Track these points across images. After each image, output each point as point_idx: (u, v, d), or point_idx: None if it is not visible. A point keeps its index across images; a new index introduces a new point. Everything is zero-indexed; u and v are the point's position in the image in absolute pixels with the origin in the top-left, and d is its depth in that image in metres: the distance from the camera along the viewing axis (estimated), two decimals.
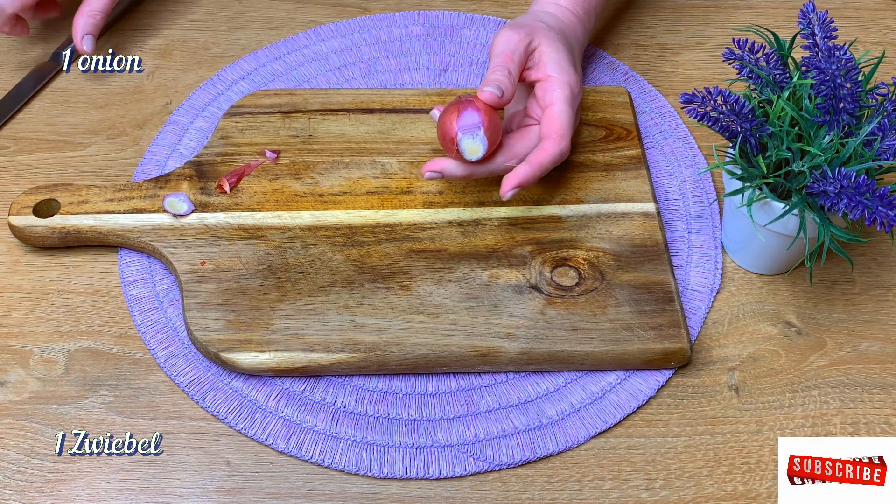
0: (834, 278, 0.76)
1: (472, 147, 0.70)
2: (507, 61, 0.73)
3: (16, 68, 0.88)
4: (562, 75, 0.74)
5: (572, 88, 0.74)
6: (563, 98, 0.73)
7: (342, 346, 0.69)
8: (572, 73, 0.75)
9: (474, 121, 0.69)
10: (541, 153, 0.71)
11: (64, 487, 0.65)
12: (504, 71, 0.73)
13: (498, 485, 0.66)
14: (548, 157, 0.71)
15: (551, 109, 0.73)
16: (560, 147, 0.72)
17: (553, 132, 0.72)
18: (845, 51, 0.67)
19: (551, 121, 0.73)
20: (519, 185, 0.70)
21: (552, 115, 0.73)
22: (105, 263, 0.76)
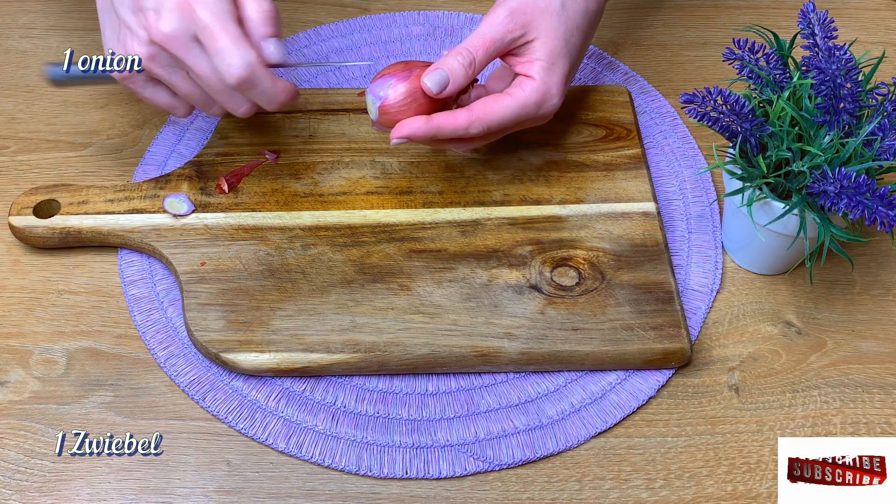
0: (834, 278, 0.76)
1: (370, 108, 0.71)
2: (478, 48, 0.69)
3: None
4: (543, 83, 0.71)
5: (539, 100, 0.70)
6: (521, 102, 0.70)
7: (342, 346, 0.69)
8: (556, 80, 0.71)
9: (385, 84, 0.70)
10: (448, 119, 0.69)
11: (64, 487, 0.65)
12: (466, 58, 0.69)
13: (498, 485, 0.66)
14: (450, 128, 0.69)
15: (502, 100, 0.70)
16: (470, 127, 0.69)
17: (482, 114, 0.69)
18: (845, 51, 0.67)
19: (491, 106, 0.69)
20: (408, 136, 0.69)
21: (497, 103, 0.70)
22: (105, 263, 0.76)
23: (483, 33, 0.69)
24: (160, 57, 0.67)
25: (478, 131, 0.70)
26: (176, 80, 0.68)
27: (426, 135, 0.69)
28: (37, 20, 0.92)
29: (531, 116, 0.71)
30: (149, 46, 0.66)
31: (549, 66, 0.71)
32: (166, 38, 0.65)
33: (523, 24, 0.70)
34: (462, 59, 0.69)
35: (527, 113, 0.71)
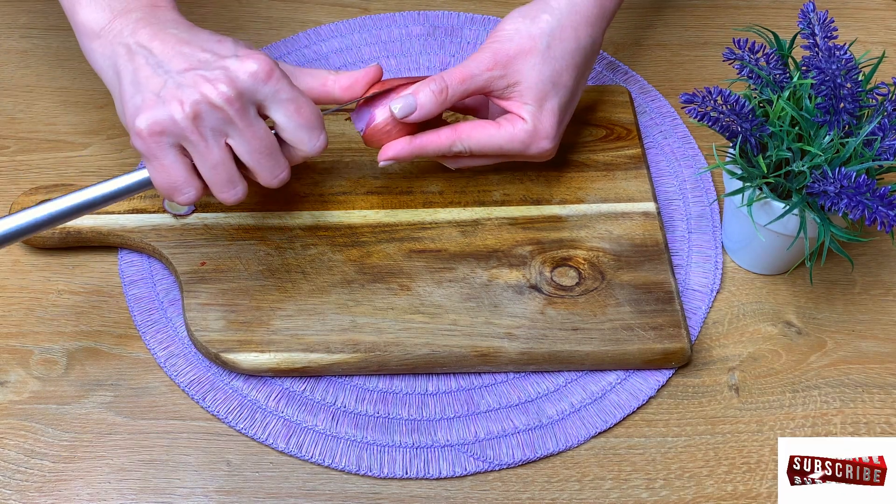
0: (834, 278, 0.76)
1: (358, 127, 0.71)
2: (453, 79, 0.69)
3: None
4: (532, 125, 0.70)
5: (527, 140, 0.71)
6: (507, 136, 0.70)
7: (342, 346, 0.69)
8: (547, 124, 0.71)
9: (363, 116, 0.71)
10: (433, 138, 0.70)
11: (64, 487, 0.65)
12: (438, 86, 0.69)
13: (498, 485, 0.66)
14: (434, 147, 0.70)
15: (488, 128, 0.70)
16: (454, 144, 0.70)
17: (465, 135, 0.70)
18: (845, 51, 0.67)
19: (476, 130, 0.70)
20: (393, 158, 0.70)
21: (482, 129, 0.70)
22: (105, 263, 0.76)
23: (463, 66, 0.70)
24: (210, 117, 0.61)
25: (461, 150, 0.71)
26: (213, 144, 0.62)
27: (411, 154, 0.70)
28: (37, 20, 0.92)
29: (519, 153, 0.72)
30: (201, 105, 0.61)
31: (538, 109, 0.71)
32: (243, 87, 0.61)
33: (505, 65, 0.70)
34: (434, 86, 0.69)
35: (513, 148, 0.71)
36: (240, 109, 0.61)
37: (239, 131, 0.62)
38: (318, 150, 0.65)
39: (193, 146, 0.62)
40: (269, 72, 0.61)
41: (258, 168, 0.64)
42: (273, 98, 0.62)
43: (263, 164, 0.64)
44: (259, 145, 0.63)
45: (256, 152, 0.63)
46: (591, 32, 0.73)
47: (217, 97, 0.60)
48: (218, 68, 0.61)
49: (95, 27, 0.65)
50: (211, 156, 0.62)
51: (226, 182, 0.63)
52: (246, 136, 0.62)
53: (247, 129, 0.62)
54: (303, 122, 0.63)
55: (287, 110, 0.63)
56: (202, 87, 0.60)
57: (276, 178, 0.65)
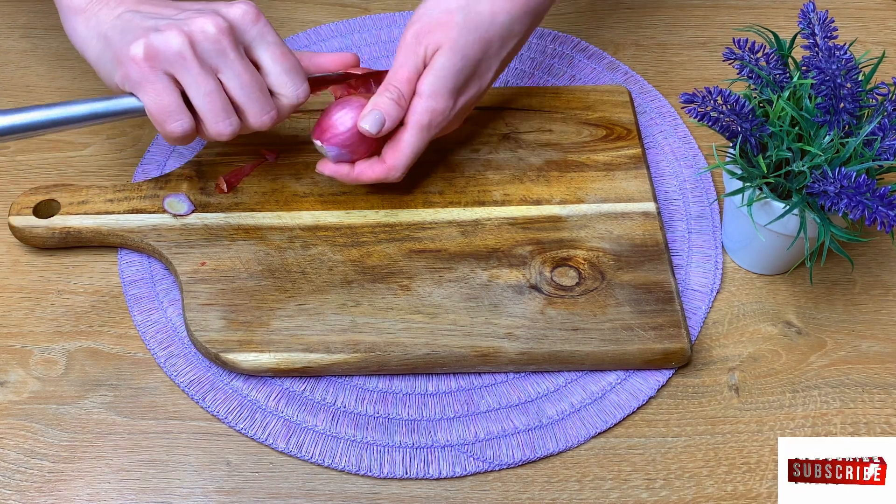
0: (834, 278, 0.76)
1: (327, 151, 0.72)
2: (402, 82, 0.70)
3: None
4: (431, 99, 0.71)
5: (434, 115, 0.71)
6: (419, 125, 0.71)
7: (342, 346, 0.69)
8: (447, 98, 0.71)
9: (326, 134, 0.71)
10: (367, 171, 0.72)
11: (64, 487, 0.65)
12: (394, 93, 0.70)
13: (498, 485, 0.66)
14: (370, 177, 0.72)
15: (401, 133, 0.71)
16: (388, 175, 0.72)
17: (390, 161, 0.71)
18: (845, 51, 0.67)
19: (395, 147, 0.71)
20: (328, 174, 0.72)
21: (398, 139, 0.71)
22: (105, 263, 0.76)
23: (401, 64, 0.71)
24: (204, 45, 0.64)
25: (399, 175, 0.72)
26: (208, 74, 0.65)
27: (351, 182, 0.73)
28: (37, 20, 0.92)
29: (435, 134, 0.73)
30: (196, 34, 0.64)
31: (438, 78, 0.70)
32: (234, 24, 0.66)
33: (426, 43, 0.71)
34: (391, 94, 0.70)
35: (429, 134, 0.72)
36: (233, 42, 0.65)
37: (231, 64, 0.65)
38: (302, 96, 0.69)
39: (188, 73, 0.64)
40: (256, 14, 0.66)
41: (249, 104, 0.66)
42: (261, 39, 0.66)
43: (254, 99, 0.66)
44: (250, 80, 0.66)
45: (247, 87, 0.66)
46: (508, 9, 0.72)
47: (212, 27, 0.64)
48: (211, 7, 0.66)
49: (81, 2, 0.68)
50: (206, 83, 0.65)
51: (221, 110, 0.66)
52: (237, 69, 0.65)
53: (238, 61, 0.65)
54: (288, 66, 0.67)
55: (273, 53, 0.67)
56: (197, 20, 0.64)
57: (266, 114, 0.68)
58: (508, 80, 0.88)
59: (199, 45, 0.64)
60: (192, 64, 0.64)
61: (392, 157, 0.72)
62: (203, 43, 0.64)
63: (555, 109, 0.84)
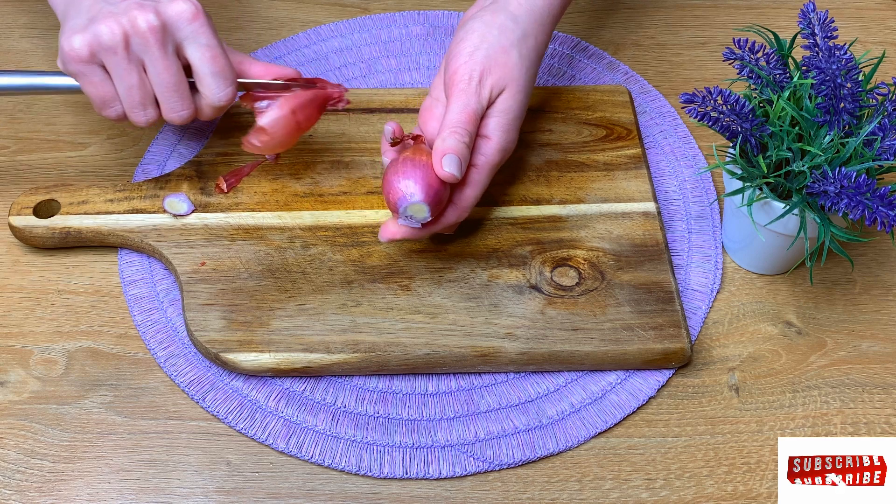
0: (834, 278, 0.76)
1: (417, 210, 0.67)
2: (467, 123, 0.69)
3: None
4: (502, 139, 0.71)
5: (504, 154, 0.72)
6: (489, 165, 0.71)
7: (342, 346, 0.69)
8: (514, 133, 0.72)
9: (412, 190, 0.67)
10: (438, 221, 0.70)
11: (64, 487, 0.65)
12: (465, 136, 0.68)
13: (498, 485, 0.66)
14: (444, 224, 0.70)
15: (470, 174, 0.70)
16: (460, 219, 0.71)
17: (460, 203, 0.70)
18: (845, 50, 0.67)
19: (463, 188, 0.70)
20: (401, 237, 0.69)
21: (468, 182, 0.70)
22: (105, 263, 0.76)
23: (465, 106, 0.69)
24: (134, 40, 0.66)
25: (466, 215, 0.72)
26: (132, 68, 0.68)
27: (426, 235, 0.71)
28: (37, 20, 0.92)
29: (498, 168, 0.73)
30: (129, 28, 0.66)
31: (508, 120, 0.71)
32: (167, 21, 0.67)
33: (491, 85, 0.70)
34: (462, 138, 0.68)
35: (494, 170, 0.72)
36: (160, 40, 0.67)
37: (154, 60, 0.67)
38: (224, 100, 0.70)
39: (116, 66, 0.68)
40: (194, 14, 0.68)
41: (163, 100, 0.69)
42: (193, 39, 0.68)
43: (167, 97, 0.69)
44: (168, 78, 0.68)
45: (164, 84, 0.68)
46: (545, 31, 0.75)
47: (143, 22, 0.66)
48: (151, 2, 0.67)
49: None
50: (128, 77, 0.68)
51: (137, 104, 0.69)
52: (158, 66, 0.68)
53: (161, 59, 0.67)
54: (216, 69, 0.68)
55: (203, 54, 0.68)
56: (132, 13, 0.66)
57: (176, 113, 0.70)
58: None
59: (130, 42, 0.67)
60: (121, 58, 0.67)
61: (462, 199, 0.70)
62: (133, 40, 0.67)
63: (555, 109, 0.84)
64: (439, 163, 0.67)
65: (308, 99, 0.72)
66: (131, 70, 0.68)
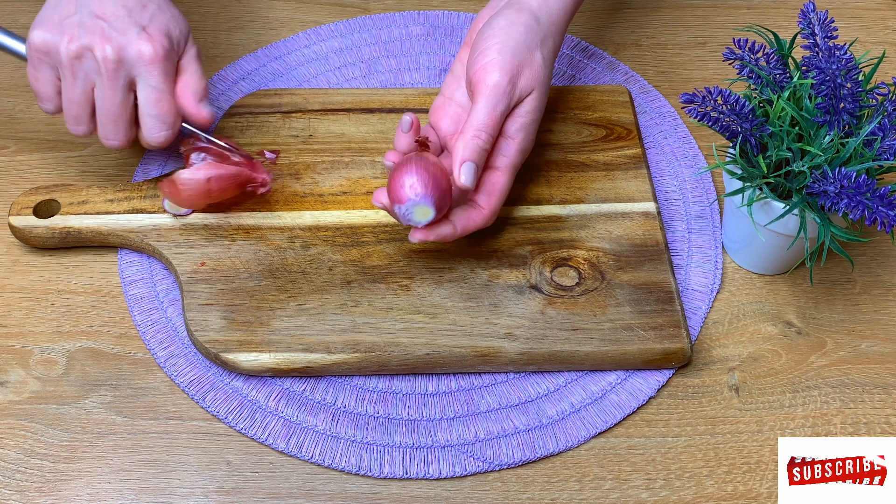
0: (834, 278, 0.76)
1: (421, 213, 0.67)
2: (490, 126, 0.68)
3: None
4: (526, 140, 0.72)
5: (524, 155, 0.72)
6: (512, 166, 0.71)
7: (342, 346, 0.69)
8: (535, 135, 0.73)
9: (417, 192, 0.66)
10: (468, 222, 0.70)
11: (64, 487, 0.65)
12: (488, 140, 0.68)
13: (498, 485, 0.66)
14: (473, 228, 0.70)
15: (495, 177, 0.71)
16: (488, 223, 0.71)
17: (488, 206, 0.70)
18: (845, 51, 0.67)
19: (491, 191, 0.71)
20: (433, 239, 0.69)
21: (493, 184, 0.71)
22: (105, 263, 0.76)
23: (493, 108, 0.69)
24: (87, 63, 0.69)
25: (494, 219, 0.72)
26: (78, 85, 0.70)
27: (455, 238, 0.70)
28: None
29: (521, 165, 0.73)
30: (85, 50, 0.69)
31: (531, 121, 0.71)
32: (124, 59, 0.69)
33: (521, 87, 0.70)
34: (483, 143, 0.68)
35: (516, 171, 0.72)
36: (112, 72, 0.69)
37: (102, 87, 0.70)
38: (154, 142, 0.72)
39: (63, 77, 0.70)
40: (152, 59, 0.69)
41: (99, 124, 0.72)
42: (144, 80, 0.70)
43: (103, 124, 0.72)
44: (110, 108, 0.71)
45: (104, 111, 0.71)
46: (561, 35, 0.75)
47: (99, 52, 0.68)
48: (119, 32, 0.69)
49: None
50: (73, 92, 0.70)
51: (73, 117, 0.72)
52: (105, 94, 0.70)
53: (109, 90, 0.70)
54: (155, 113, 0.71)
55: (148, 96, 0.70)
56: (95, 38, 0.69)
57: (108, 140, 0.72)
58: None
59: (84, 61, 0.69)
60: (68, 72, 0.69)
61: (488, 202, 0.71)
62: (87, 61, 0.69)
63: (555, 109, 0.84)
64: (458, 170, 0.67)
65: (229, 174, 0.74)
66: (76, 86, 0.70)
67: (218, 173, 0.73)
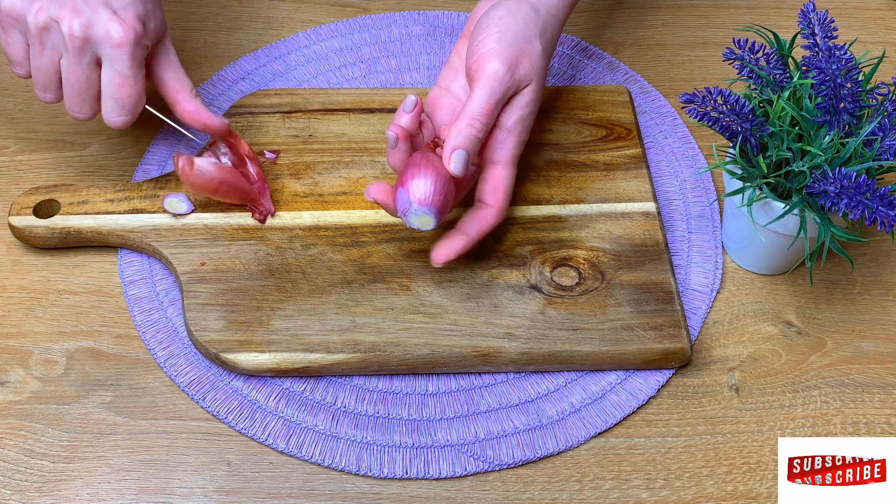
0: (834, 278, 0.76)
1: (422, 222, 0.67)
2: (485, 115, 0.68)
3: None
4: (524, 132, 0.71)
5: (523, 143, 0.72)
6: (514, 159, 0.71)
7: (342, 346, 0.69)
8: (532, 124, 0.72)
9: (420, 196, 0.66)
10: (481, 224, 0.70)
11: (64, 487, 0.65)
12: (482, 129, 0.67)
13: (498, 485, 0.66)
14: (487, 228, 0.70)
15: (498, 172, 0.70)
16: (500, 219, 0.71)
17: (496, 203, 0.70)
18: (845, 50, 0.67)
19: (496, 187, 0.70)
20: (455, 255, 0.69)
21: (497, 179, 0.70)
22: (105, 263, 0.76)
23: (491, 95, 0.68)
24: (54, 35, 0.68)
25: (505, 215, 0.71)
26: (45, 55, 0.69)
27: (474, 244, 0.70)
28: None
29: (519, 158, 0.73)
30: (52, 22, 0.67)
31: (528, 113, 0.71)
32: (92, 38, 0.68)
33: (520, 76, 0.70)
34: (477, 131, 0.68)
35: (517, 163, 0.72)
36: (78, 49, 0.68)
37: (68, 62, 0.69)
38: (112, 124, 0.71)
39: (32, 45, 0.69)
40: (121, 42, 0.68)
41: (65, 97, 0.71)
42: (109, 62, 0.69)
43: (69, 97, 0.71)
44: (75, 82, 0.70)
45: (69, 84, 0.70)
46: (559, 27, 0.75)
47: (66, 27, 0.67)
48: (92, 9, 0.68)
49: None
50: (40, 60, 0.70)
51: (40, 85, 0.71)
52: (70, 69, 0.69)
53: (75, 65, 0.69)
54: (116, 96, 0.70)
55: (112, 79, 0.69)
56: (65, 11, 0.67)
57: (74, 113, 0.72)
58: None
59: (51, 33, 0.68)
60: (35, 40, 0.69)
61: (496, 198, 0.70)
62: (55, 34, 0.68)
63: (555, 109, 0.84)
64: (448, 157, 0.67)
65: (240, 187, 0.74)
66: (42, 54, 0.69)
67: (230, 181, 0.73)
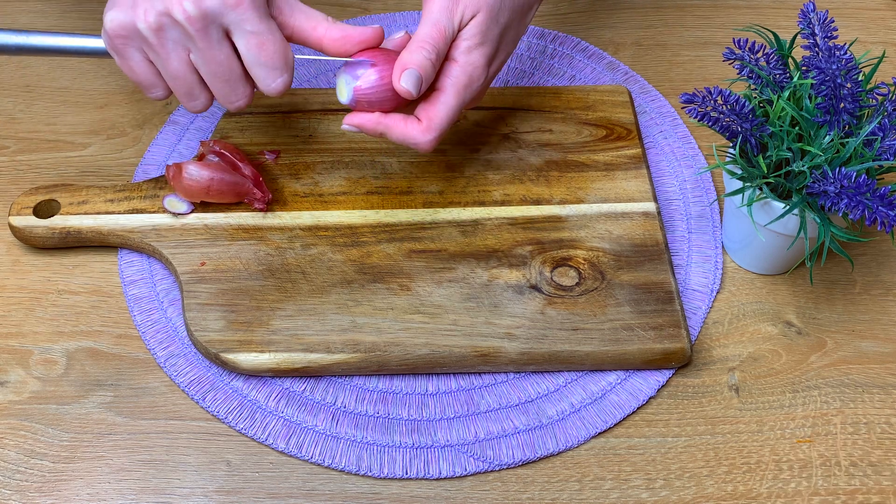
0: (834, 278, 0.76)
1: (342, 89, 0.67)
2: (437, 40, 0.66)
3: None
4: (471, 65, 0.69)
5: (471, 80, 0.69)
6: (453, 87, 0.68)
7: (342, 346, 0.69)
8: (482, 59, 0.69)
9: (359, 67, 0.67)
10: (404, 131, 0.68)
11: (64, 487, 0.65)
12: (431, 53, 0.66)
13: (498, 485, 0.66)
14: (403, 138, 0.68)
15: (435, 95, 0.68)
16: (423, 141, 0.68)
17: (426, 118, 0.68)
18: (845, 51, 0.67)
19: (430, 109, 0.68)
20: (358, 128, 0.68)
21: (436, 102, 0.68)
22: (105, 263, 0.76)
23: (436, 23, 0.67)
24: (171, 30, 0.63)
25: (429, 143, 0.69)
26: (172, 57, 0.65)
27: (374, 131, 0.68)
28: (37, 20, 0.92)
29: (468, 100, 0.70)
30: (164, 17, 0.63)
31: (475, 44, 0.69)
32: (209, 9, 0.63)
33: (463, 7, 0.68)
34: (427, 53, 0.66)
35: (464, 100, 0.69)
36: (201, 29, 0.63)
37: (198, 50, 0.64)
38: (274, 91, 0.66)
39: (155, 54, 0.65)
40: (238, 1, 0.62)
41: (213, 89, 0.66)
42: (237, 27, 0.63)
43: (218, 87, 0.66)
44: (216, 68, 0.65)
45: (212, 74, 0.65)
46: None
47: (179, 13, 0.62)
48: None
49: None
50: (170, 66, 0.65)
51: (184, 94, 0.66)
52: (205, 56, 0.64)
53: (206, 49, 0.64)
54: (264, 59, 0.64)
55: (249, 43, 0.64)
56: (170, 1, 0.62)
57: (231, 104, 0.67)
58: (509, 81, 0.88)
59: (168, 30, 0.63)
60: (156, 46, 0.64)
61: (427, 118, 0.68)
62: (171, 28, 0.63)
63: (555, 109, 0.84)
64: (398, 77, 0.66)
65: (232, 181, 0.74)
66: (170, 59, 0.64)
67: (221, 178, 0.74)
